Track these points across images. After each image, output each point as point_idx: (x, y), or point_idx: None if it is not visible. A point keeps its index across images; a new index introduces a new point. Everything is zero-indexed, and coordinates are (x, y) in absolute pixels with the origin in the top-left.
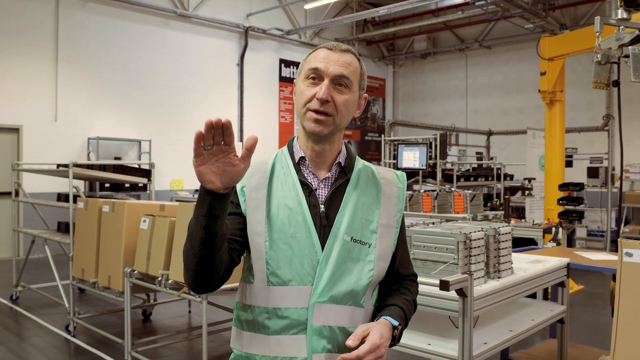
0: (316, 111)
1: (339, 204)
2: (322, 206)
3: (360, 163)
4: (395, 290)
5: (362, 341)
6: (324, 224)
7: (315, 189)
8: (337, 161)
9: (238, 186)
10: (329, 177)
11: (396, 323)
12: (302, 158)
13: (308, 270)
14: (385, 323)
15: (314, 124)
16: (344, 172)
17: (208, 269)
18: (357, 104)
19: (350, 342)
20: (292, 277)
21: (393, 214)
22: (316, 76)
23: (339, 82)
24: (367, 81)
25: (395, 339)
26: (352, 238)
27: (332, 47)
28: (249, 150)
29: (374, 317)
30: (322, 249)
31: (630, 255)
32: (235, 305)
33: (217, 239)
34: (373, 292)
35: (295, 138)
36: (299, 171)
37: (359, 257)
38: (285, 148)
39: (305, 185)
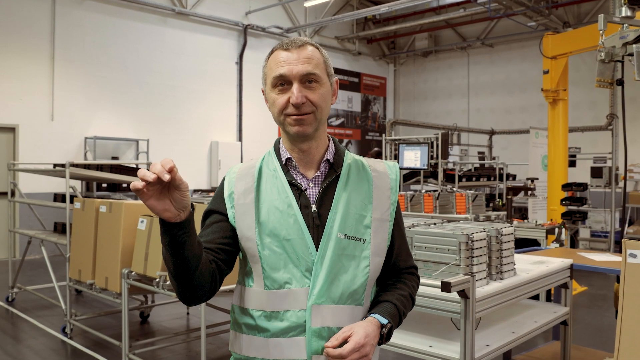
0: (294, 115)
1: (331, 202)
2: (313, 206)
3: (349, 157)
4: (392, 285)
5: (346, 342)
6: (316, 223)
7: (306, 189)
8: (325, 158)
9: (226, 192)
10: (318, 176)
11: (385, 321)
12: (288, 159)
13: (304, 271)
14: (372, 321)
15: (296, 127)
16: (334, 168)
17: (190, 288)
18: (330, 92)
19: (329, 343)
20: (289, 280)
21: (386, 207)
22: (284, 82)
23: (307, 79)
24: (368, 80)
25: (383, 337)
26: (345, 235)
27: (288, 47)
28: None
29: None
30: (317, 249)
31: (634, 256)
32: (232, 309)
33: (190, 262)
34: (373, 290)
35: (282, 139)
36: (287, 172)
37: (354, 253)
38: (272, 150)
39: (294, 186)
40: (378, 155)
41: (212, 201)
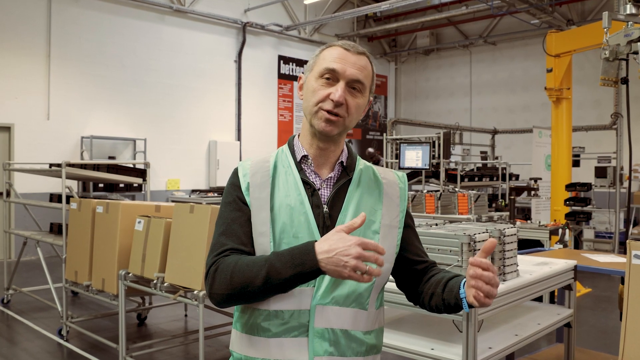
0: (329, 112)
1: (342, 204)
2: (325, 206)
3: (361, 163)
4: (439, 271)
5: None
6: (327, 224)
7: (318, 189)
8: (339, 160)
9: (243, 185)
10: (331, 177)
11: None
12: (304, 157)
13: None
14: None
15: (324, 124)
16: (346, 171)
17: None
18: (365, 107)
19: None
20: None
21: (395, 214)
22: (331, 77)
23: (353, 85)
24: None
25: None
26: None
27: (348, 48)
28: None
29: (442, 292)
30: None
31: (639, 257)
32: (236, 307)
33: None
34: (379, 295)
35: (297, 136)
36: (300, 170)
37: None
38: (285, 146)
39: (307, 184)
40: (371, 157)
41: (231, 190)
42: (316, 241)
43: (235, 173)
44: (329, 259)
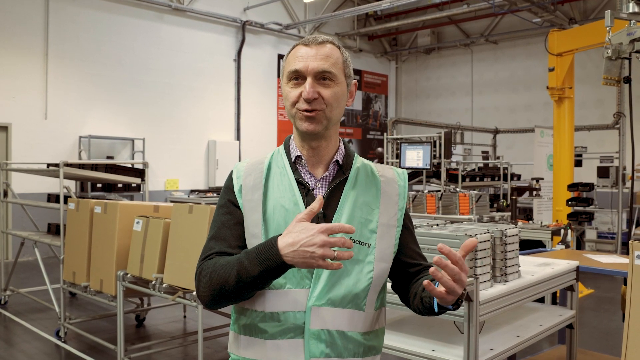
0: (305, 110)
1: (337, 203)
2: None
3: (359, 161)
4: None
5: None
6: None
7: (313, 189)
8: (334, 159)
9: (235, 187)
10: (326, 177)
11: None
12: (298, 157)
13: (305, 272)
14: None
15: (306, 123)
16: (342, 170)
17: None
18: (346, 94)
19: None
20: (289, 280)
21: (393, 213)
22: (299, 77)
23: (322, 76)
24: (369, 77)
25: (462, 297)
26: (350, 238)
27: (308, 43)
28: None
29: (422, 291)
30: None
31: None
32: (233, 309)
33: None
34: (378, 295)
35: (292, 137)
36: (295, 171)
37: (358, 257)
38: (281, 147)
39: (302, 185)
40: (379, 158)
41: (223, 194)
42: (280, 235)
43: (230, 175)
44: (294, 253)
